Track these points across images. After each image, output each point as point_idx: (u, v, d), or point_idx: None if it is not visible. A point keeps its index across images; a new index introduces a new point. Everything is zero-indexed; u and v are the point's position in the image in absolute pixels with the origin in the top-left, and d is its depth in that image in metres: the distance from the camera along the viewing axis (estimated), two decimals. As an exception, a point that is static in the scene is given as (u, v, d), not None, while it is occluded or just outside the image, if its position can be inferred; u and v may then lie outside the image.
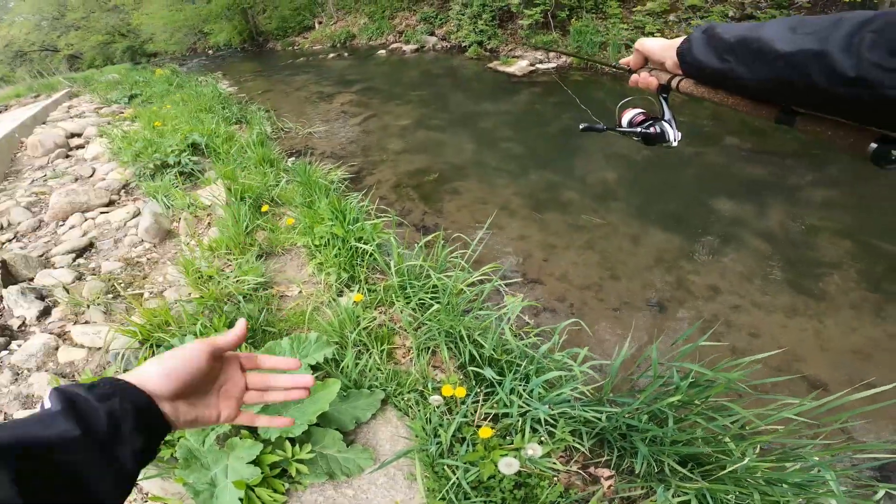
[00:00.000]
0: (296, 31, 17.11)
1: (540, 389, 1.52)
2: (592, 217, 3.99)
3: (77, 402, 0.45)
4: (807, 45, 0.47)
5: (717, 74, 0.60)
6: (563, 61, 8.84)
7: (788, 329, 2.86)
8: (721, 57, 0.59)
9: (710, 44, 0.61)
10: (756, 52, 0.53)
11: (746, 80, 0.55)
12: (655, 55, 0.75)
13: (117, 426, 0.45)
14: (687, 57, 0.65)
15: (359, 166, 5.23)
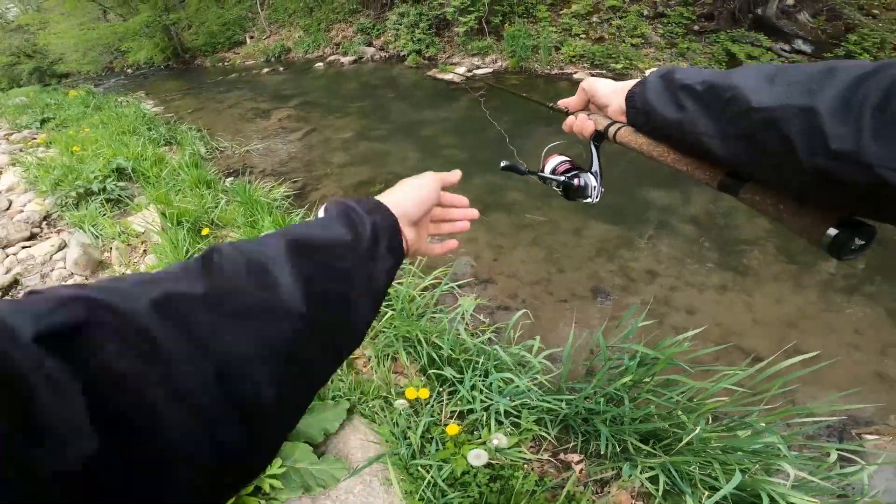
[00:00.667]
0: (225, 47, 16.53)
1: (499, 383, 1.59)
2: (535, 216, 4.17)
3: (349, 211, 0.46)
4: (790, 98, 0.38)
5: (668, 125, 0.53)
6: (498, 65, 9.16)
7: (721, 304, 3.12)
8: (679, 104, 0.51)
9: (668, 88, 0.53)
10: (727, 103, 0.44)
11: (708, 135, 0.47)
12: (600, 97, 0.68)
13: (377, 241, 0.46)
14: (637, 101, 0.58)
15: (302, 182, 5.14)
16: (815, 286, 3.25)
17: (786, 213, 0.43)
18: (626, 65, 8.07)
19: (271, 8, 15.93)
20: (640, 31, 8.40)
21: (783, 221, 0.44)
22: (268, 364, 0.32)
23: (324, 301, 0.38)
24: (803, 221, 0.42)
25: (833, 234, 0.40)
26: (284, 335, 0.34)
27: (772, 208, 0.45)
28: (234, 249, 0.37)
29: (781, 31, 7.64)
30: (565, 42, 8.74)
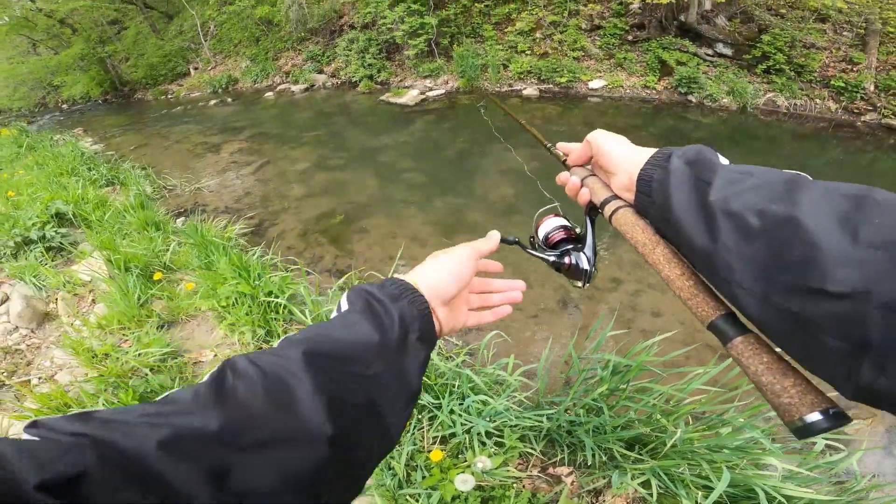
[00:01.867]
0: (168, 79, 16.12)
1: (477, 406, 1.61)
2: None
3: (372, 302, 0.43)
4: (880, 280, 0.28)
5: (689, 247, 0.42)
6: (450, 86, 9.43)
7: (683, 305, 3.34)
8: (714, 232, 0.38)
9: (699, 200, 0.40)
10: (790, 266, 0.32)
11: (743, 287, 0.36)
12: (607, 161, 0.55)
13: (406, 333, 0.42)
14: (653, 191, 0.46)
15: (259, 218, 5.04)
16: None
17: (770, 379, 0.37)
18: (570, 78, 8.53)
19: (215, 38, 15.76)
20: (580, 44, 8.92)
21: (759, 386, 0.37)
22: (293, 493, 0.31)
23: (352, 416, 0.36)
24: (786, 396, 0.36)
25: (812, 420, 0.34)
26: (309, 462, 0.33)
27: (758, 367, 0.38)
28: (249, 365, 0.35)
29: (704, 36, 8.28)
30: (512, 59, 9.16)
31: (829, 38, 8.04)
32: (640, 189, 0.49)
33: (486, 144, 6.73)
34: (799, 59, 7.71)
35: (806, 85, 7.67)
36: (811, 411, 0.34)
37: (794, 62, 7.72)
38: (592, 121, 7.38)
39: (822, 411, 0.34)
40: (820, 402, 0.35)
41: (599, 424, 1.62)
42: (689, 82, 7.90)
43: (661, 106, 7.88)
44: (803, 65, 7.69)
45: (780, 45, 7.77)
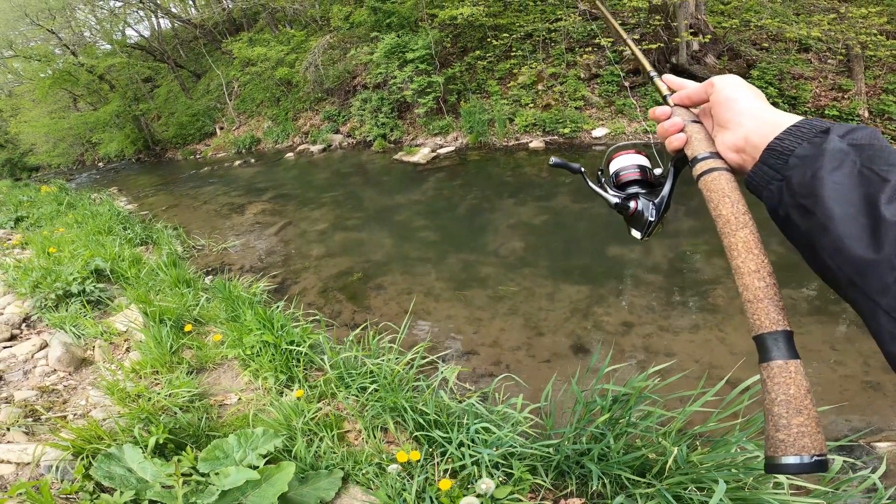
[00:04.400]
0: (196, 139, 17.37)
1: (483, 436, 1.91)
2: (508, 286, 4.63)
3: None
4: None
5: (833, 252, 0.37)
6: (459, 142, 10.13)
7: (695, 343, 3.51)
8: (879, 239, 0.34)
9: (863, 183, 0.36)
10: None
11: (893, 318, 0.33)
12: (724, 110, 0.50)
13: None
14: (790, 169, 0.41)
15: (281, 277, 5.49)
16: None
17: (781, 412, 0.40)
18: (574, 128, 9.09)
19: (239, 98, 17.03)
20: (581, 93, 9.52)
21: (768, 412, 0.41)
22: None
23: None
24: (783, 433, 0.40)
25: (787, 462, 0.39)
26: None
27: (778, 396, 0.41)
28: None
29: (696, 76, 8.75)
30: (517, 113, 9.79)
31: (814, 67, 8.39)
32: (767, 160, 0.44)
33: (495, 200, 7.23)
34: (790, 91, 8.04)
35: (802, 116, 8.02)
36: (795, 454, 0.38)
37: (786, 94, 8.05)
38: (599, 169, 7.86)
39: (807, 455, 0.38)
40: (811, 447, 0.37)
41: (604, 451, 1.80)
42: None
43: (664, 150, 8.33)
44: (796, 96, 8.00)
45: (770, 78, 8.14)
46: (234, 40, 15.71)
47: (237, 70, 16.09)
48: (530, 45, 10.43)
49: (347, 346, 2.68)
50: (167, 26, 22.58)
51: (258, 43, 15.20)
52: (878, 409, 2.87)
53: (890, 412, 2.83)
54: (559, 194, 7.02)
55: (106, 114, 17.63)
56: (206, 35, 19.31)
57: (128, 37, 20.92)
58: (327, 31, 14.72)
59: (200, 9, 22.59)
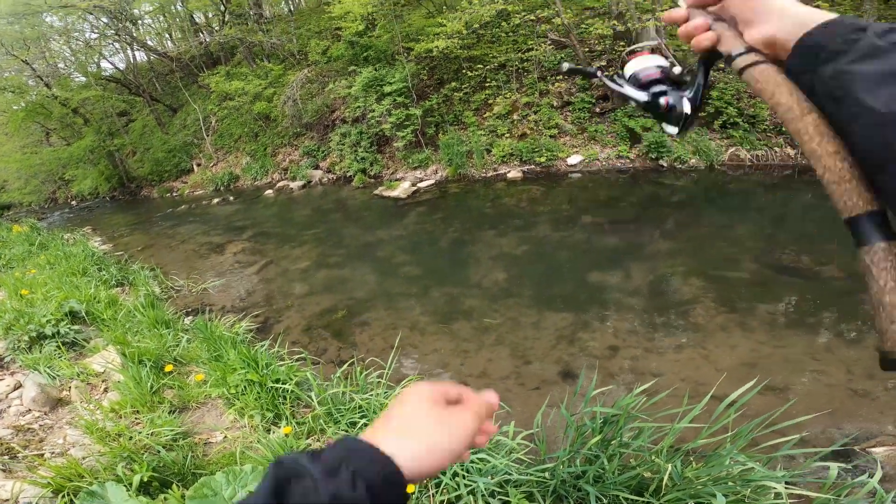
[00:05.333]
0: (173, 175, 17.04)
1: (478, 465, 1.91)
2: (493, 318, 4.66)
3: (289, 484, 0.36)
4: None
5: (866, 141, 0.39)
6: (439, 175, 10.29)
7: (681, 362, 3.59)
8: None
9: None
10: None
11: None
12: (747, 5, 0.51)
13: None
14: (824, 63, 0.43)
15: (264, 316, 5.43)
16: (761, 327, 3.88)
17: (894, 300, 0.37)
18: (549, 156, 9.34)
19: (216, 133, 16.88)
20: (554, 121, 9.80)
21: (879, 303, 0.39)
22: None
23: None
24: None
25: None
26: None
27: (888, 283, 0.38)
28: None
29: None
30: (494, 143, 10.02)
31: None
32: (800, 55, 0.45)
33: (476, 232, 7.33)
34: (748, 109, 8.40)
35: (762, 135, 8.30)
36: None
37: (745, 113, 8.40)
38: (576, 196, 8.07)
39: None
40: None
41: (599, 473, 1.81)
42: (657, 147, 8.53)
43: (636, 174, 8.59)
44: (754, 115, 8.35)
45: (728, 98, 8.51)
46: (211, 74, 15.68)
47: (214, 104, 16.02)
48: (504, 76, 10.76)
49: (335, 383, 2.67)
50: (143, 59, 22.46)
51: (236, 77, 15.20)
52: (867, 415, 2.96)
53: (880, 417, 2.92)
54: (539, 223, 7.17)
55: (79, 149, 17.25)
56: (183, 69, 19.23)
57: (103, 69, 20.67)
58: (305, 65, 14.87)
59: (177, 42, 22.64)
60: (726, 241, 5.57)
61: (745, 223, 6.20)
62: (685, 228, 6.28)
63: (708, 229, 6.15)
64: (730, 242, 5.53)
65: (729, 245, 5.44)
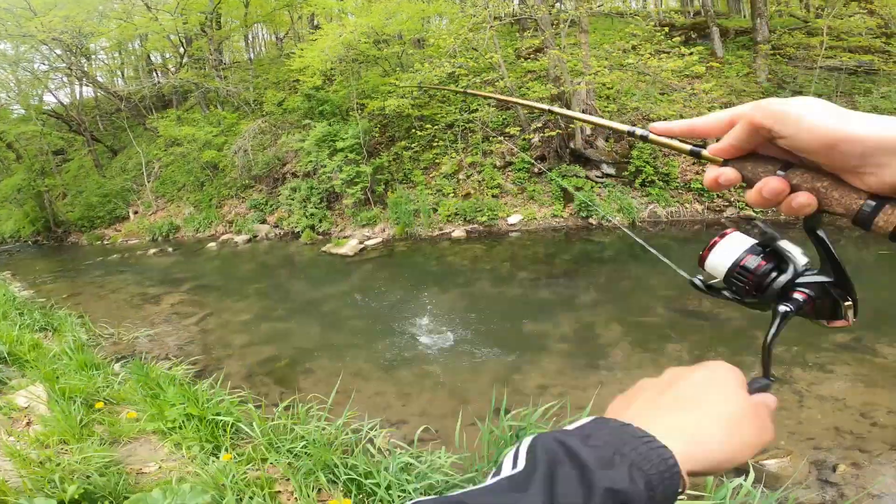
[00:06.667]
0: (106, 222, 16.06)
1: (407, 475, 2.09)
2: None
3: (561, 467, 0.32)
4: None
5: None
6: (386, 234, 10.66)
7: (601, 397, 3.95)
8: None
9: None
10: None
11: None
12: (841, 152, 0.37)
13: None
14: None
15: (202, 364, 5.33)
16: (669, 363, 4.24)
17: None
18: (491, 215, 10.00)
19: (158, 180, 16.25)
20: (496, 181, 10.54)
21: None
22: None
23: None
24: None
25: None
26: None
27: None
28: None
29: (591, 160, 9.95)
30: (440, 202, 10.57)
31: None
32: None
33: (421, 288, 7.69)
34: (664, 168, 9.44)
35: (675, 192, 9.32)
36: None
37: (660, 172, 9.42)
38: (515, 254, 8.69)
39: None
40: None
41: None
42: (586, 206, 9.34)
43: (570, 232, 9.39)
44: (668, 173, 9.38)
45: (646, 157, 9.51)
46: (161, 117, 15.45)
47: (160, 149, 15.57)
48: (451, 135, 11.49)
49: (277, 416, 2.78)
50: (89, 94, 21.55)
51: (187, 122, 15.01)
52: None
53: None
54: (480, 280, 7.65)
55: (7, 187, 16.21)
56: (132, 109, 18.66)
57: (45, 102, 19.77)
58: (260, 114, 14.99)
59: (129, 80, 22.06)
60: (643, 291, 6.26)
61: (660, 275, 6.99)
62: (609, 281, 6.97)
63: (628, 282, 6.89)
64: (646, 292, 6.22)
65: (645, 294, 6.11)
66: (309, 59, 11.45)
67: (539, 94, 9.64)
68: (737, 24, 14.12)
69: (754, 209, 0.59)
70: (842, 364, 4.21)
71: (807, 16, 12.34)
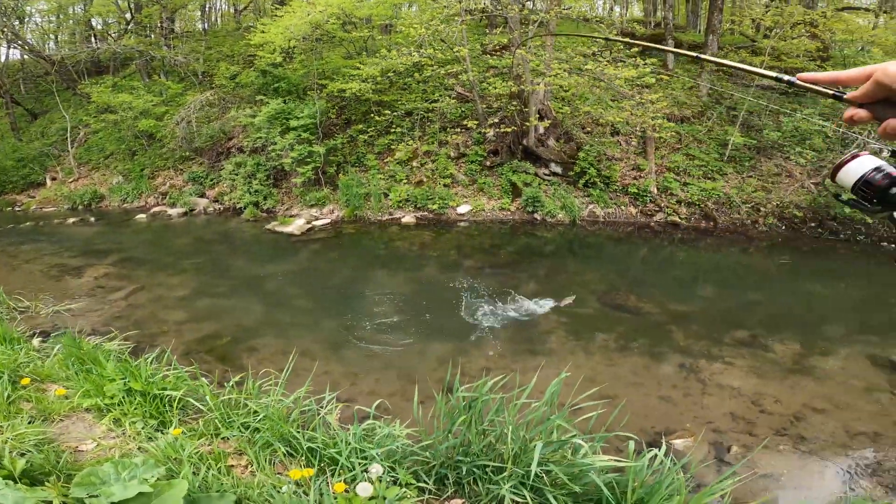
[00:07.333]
0: (18, 188, 14.67)
1: (368, 443, 2.19)
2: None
3: None
4: None
5: None
6: (335, 216, 10.54)
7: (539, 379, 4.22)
8: None
9: None
10: None
11: None
12: None
13: None
14: None
15: (135, 340, 5.10)
16: (599, 351, 4.88)
17: None
18: (441, 204, 10.16)
19: (83, 146, 15.11)
20: (449, 171, 10.72)
21: None
22: None
23: None
24: None
25: None
26: None
27: None
28: None
29: (541, 158, 10.38)
30: (392, 188, 10.58)
31: (622, 149, 10.51)
32: None
33: (368, 271, 7.73)
34: (605, 171, 9.99)
35: (613, 194, 9.92)
36: None
37: (602, 174, 9.97)
38: (462, 243, 8.94)
39: None
40: None
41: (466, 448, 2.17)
42: (533, 201, 9.76)
43: (515, 225, 9.75)
44: (609, 176, 9.94)
45: (591, 159, 10.05)
46: (95, 83, 14.33)
47: (89, 115, 14.45)
48: (409, 123, 11.48)
49: (228, 391, 2.78)
50: (15, 57, 19.82)
51: (124, 89, 14.08)
52: (671, 415, 3.91)
53: (680, 417, 3.90)
54: (428, 266, 7.83)
55: None
56: (63, 73, 17.30)
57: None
58: (208, 87, 14.31)
59: (63, 44, 20.35)
60: (579, 285, 6.72)
61: (594, 270, 7.56)
62: (549, 274, 7.40)
63: (566, 275, 7.35)
64: (581, 285, 6.69)
65: (580, 288, 6.57)
66: (272, 36, 11.01)
67: (500, 90, 9.89)
68: (692, 38, 14.98)
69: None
70: (740, 358, 4.81)
71: (755, 35, 13.25)
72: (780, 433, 3.75)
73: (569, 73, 9.45)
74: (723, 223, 9.28)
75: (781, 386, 4.38)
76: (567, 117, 10.87)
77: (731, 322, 5.58)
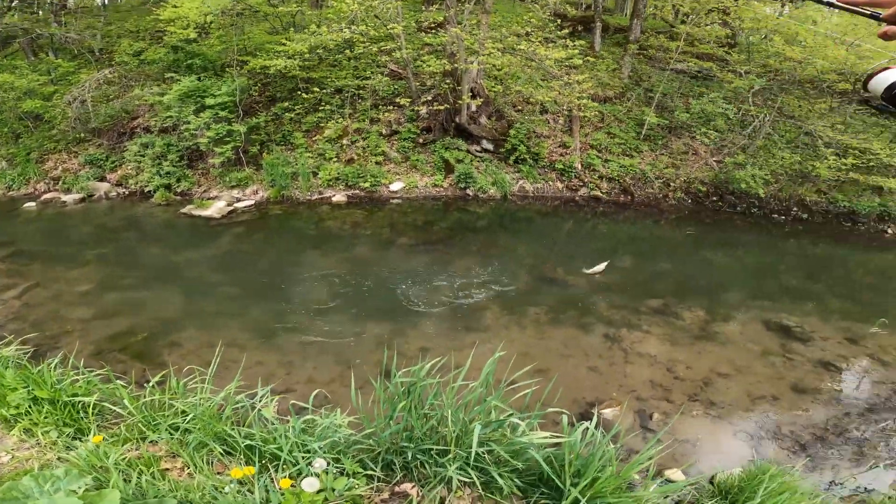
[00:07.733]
0: None
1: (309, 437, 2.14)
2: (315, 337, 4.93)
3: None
4: None
5: None
6: (260, 196, 9.99)
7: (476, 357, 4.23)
8: None
9: None
10: None
11: None
12: None
13: None
14: None
15: (34, 343, 4.58)
16: (531, 325, 5.08)
17: None
18: (374, 182, 9.98)
19: None
20: (381, 149, 10.51)
21: None
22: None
23: None
24: None
25: None
26: None
27: None
28: None
29: (473, 135, 10.57)
30: (322, 167, 10.19)
31: (550, 127, 10.94)
32: None
33: (299, 253, 7.44)
34: (535, 148, 10.36)
35: (542, 170, 10.34)
36: None
37: (531, 151, 10.34)
38: (395, 221, 8.87)
39: None
40: None
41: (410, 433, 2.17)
42: (465, 178, 9.95)
43: (448, 201, 9.84)
44: (537, 153, 10.33)
45: (522, 137, 10.37)
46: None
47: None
48: (339, 100, 11.05)
49: (149, 392, 2.61)
50: None
51: (4, 69, 12.39)
52: (599, 386, 4.19)
53: (606, 387, 4.18)
54: (360, 245, 7.70)
55: None
56: None
57: None
58: (106, 64, 12.85)
59: None
60: (510, 259, 6.98)
61: (524, 244, 7.86)
62: (482, 248, 7.59)
63: (498, 249, 7.59)
64: (513, 259, 6.95)
65: (512, 262, 6.82)
66: (185, 10, 9.96)
67: (433, 68, 9.77)
68: (618, 21, 15.57)
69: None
70: (655, 326, 5.27)
71: (673, 21, 14.07)
72: (693, 398, 4.16)
73: (502, 53, 9.55)
74: (639, 197, 9.97)
75: (691, 352, 4.85)
76: (499, 96, 11.01)
77: (647, 291, 6.07)
